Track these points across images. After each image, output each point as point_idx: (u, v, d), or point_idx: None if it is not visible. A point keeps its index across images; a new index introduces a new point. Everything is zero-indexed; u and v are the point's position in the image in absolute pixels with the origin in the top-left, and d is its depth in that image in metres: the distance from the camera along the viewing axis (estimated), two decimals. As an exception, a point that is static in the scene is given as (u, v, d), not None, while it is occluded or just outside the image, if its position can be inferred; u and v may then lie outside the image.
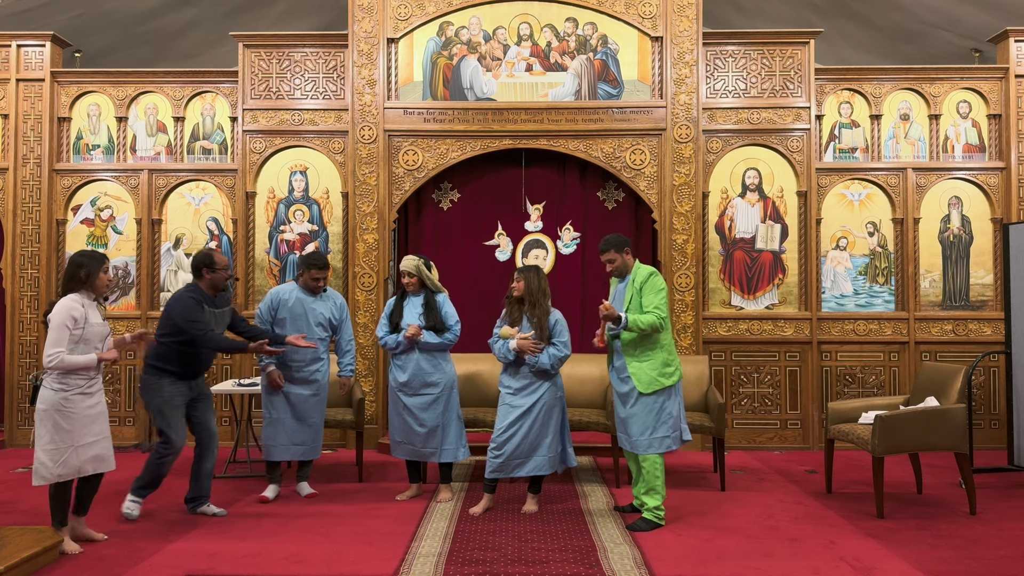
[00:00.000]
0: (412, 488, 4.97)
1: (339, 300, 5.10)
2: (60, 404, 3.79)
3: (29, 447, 6.42)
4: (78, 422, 3.82)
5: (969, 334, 6.53)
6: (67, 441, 3.80)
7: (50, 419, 3.78)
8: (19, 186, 6.70)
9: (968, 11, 6.95)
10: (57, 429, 3.78)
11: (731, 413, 6.49)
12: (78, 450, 3.82)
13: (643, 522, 4.29)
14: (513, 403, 4.51)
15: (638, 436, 4.35)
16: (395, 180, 6.57)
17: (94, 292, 3.94)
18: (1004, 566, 3.69)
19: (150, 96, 6.80)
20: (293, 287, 4.98)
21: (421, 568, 3.64)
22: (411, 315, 4.83)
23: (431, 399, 4.78)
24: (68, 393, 3.80)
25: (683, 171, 6.47)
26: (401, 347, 4.80)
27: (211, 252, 4.53)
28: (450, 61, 6.60)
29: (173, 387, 4.39)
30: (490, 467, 4.51)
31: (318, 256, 4.99)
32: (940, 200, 6.63)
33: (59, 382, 3.80)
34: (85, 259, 3.93)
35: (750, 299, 6.57)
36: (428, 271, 4.89)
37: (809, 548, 3.93)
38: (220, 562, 3.73)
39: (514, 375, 4.55)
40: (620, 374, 4.46)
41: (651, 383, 4.33)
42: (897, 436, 4.47)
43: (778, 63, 6.60)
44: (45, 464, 3.78)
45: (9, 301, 6.70)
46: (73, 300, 3.84)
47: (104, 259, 4.00)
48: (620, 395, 4.48)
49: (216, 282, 4.51)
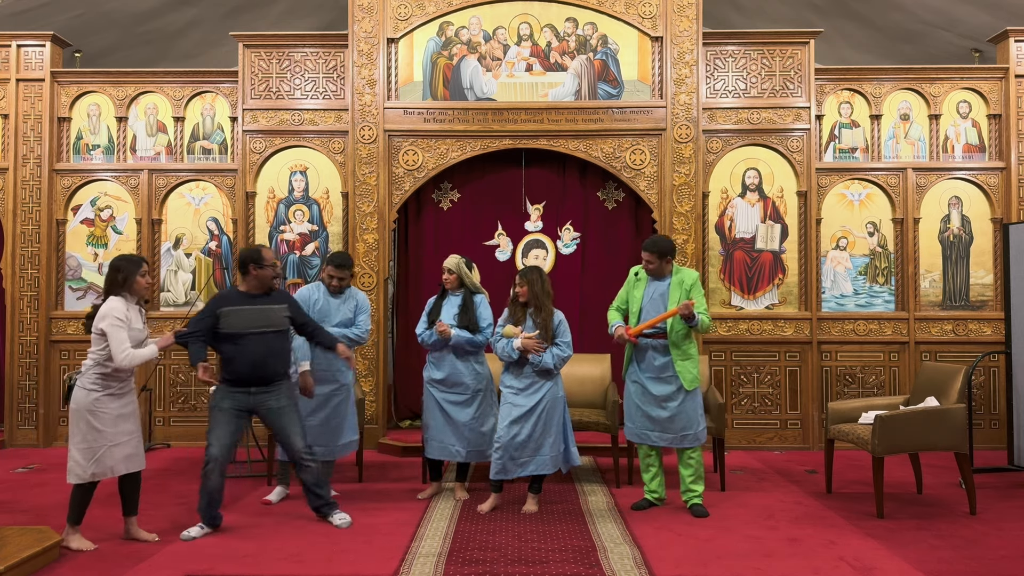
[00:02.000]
0: (432, 486, 4.98)
1: (361, 301, 4.96)
2: (91, 405, 3.86)
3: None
4: (109, 422, 3.88)
5: (969, 334, 6.53)
6: (100, 441, 3.86)
7: (82, 419, 3.86)
8: (19, 186, 6.70)
9: (968, 11, 6.95)
10: (90, 428, 3.85)
11: (731, 413, 6.49)
12: (111, 450, 3.88)
13: (702, 508, 4.52)
14: (516, 402, 4.53)
15: (687, 431, 4.53)
16: (395, 180, 6.57)
17: (132, 295, 4.00)
18: (1004, 566, 3.69)
19: (150, 96, 6.80)
20: (318, 287, 4.95)
21: (421, 568, 3.64)
22: (447, 314, 4.85)
23: (463, 399, 4.79)
24: (99, 394, 3.88)
25: (683, 171, 6.47)
26: (436, 343, 4.80)
27: (260, 248, 4.33)
28: (450, 61, 6.60)
29: (220, 392, 4.25)
30: (495, 467, 4.52)
31: (338, 255, 4.93)
32: (940, 200, 6.63)
33: (92, 383, 3.88)
34: (123, 263, 4.00)
35: (750, 299, 6.57)
36: (468, 271, 4.89)
37: (809, 548, 3.93)
38: (220, 562, 3.73)
39: (517, 375, 4.57)
40: (661, 374, 4.55)
41: (694, 380, 4.55)
42: (897, 436, 4.47)
43: (778, 63, 6.60)
44: (79, 462, 3.85)
45: (9, 301, 6.69)
46: (117, 301, 3.93)
47: (142, 262, 4.05)
48: (659, 396, 4.54)
49: (264, 280, 4.27)
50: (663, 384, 4.53)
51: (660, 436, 4.57)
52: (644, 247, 4.62)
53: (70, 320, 6.67)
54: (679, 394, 4.51)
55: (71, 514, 3.93)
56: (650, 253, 4.58)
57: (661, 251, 4.58)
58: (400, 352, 6.96)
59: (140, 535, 4.05)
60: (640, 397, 4.61)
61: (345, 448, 4.94)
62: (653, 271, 4.61)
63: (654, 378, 4.55)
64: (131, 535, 4.05)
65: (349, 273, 4.91)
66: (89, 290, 6.71)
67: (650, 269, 4.61)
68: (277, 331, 4.27)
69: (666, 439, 4.55)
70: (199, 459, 4.46)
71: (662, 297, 4.57)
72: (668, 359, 4.53)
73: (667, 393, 4.52)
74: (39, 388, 6.61)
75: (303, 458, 4.27)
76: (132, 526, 4.07)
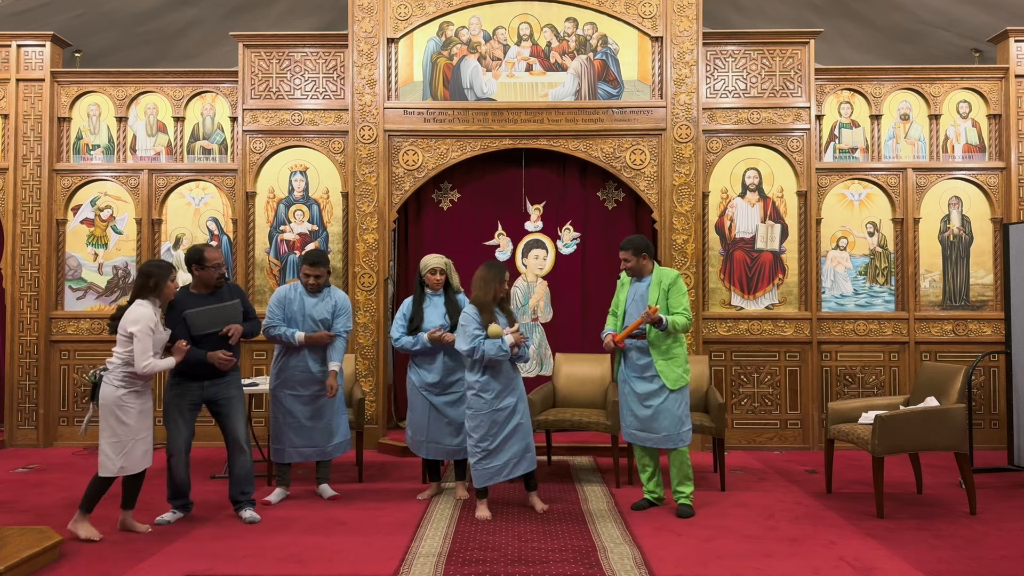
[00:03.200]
0: (432, 487, 4.97)
1: (340, 301, 4.91)
2: (119, 401, 4.02)
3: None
4: (134, 417, 4.06)
5: (969, 334, 6.53)
6: (128, 435, 4.04)
7: (111, 414, 4.03)
8: (19, 186, 6.70)
9: (968, 11, 6.95)
10: (119, 423, 4.03)
11: (731, 413, 6.49)
12: (137, 443, 4.05)
13: (687, 508, 4.50)
14: (499, 406, 4.43)
15: (670, 431, 4.51)
16: (395, 180, 6.57)
17: (161, 300, 4.15)
18: (1004, 566, 3.69)
19: (150, 96, 6.80)
20: (296, 286, 4.91)
21: (421, 568, 3.64)
22: (434, 315, 4.79)
23: (457, 396, 4.78)
24: (125, 391, 4.03)
25: (683, 171, 6.47)
26: (423, 348, 4.77)
27: (203, 248, 4.40)
28: (450, 61, 6.60)
29: (176, 388, 4.40)
30: (483, 477, 4.43)
31: (312, 252, 4.86)
32: (940, 200, 6.63)
33: (120, 380, 4.04)
34: (155, 269, 4.14)
35: (750, 299, 6.57)
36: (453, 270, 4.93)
37: (809, 548, 3.93)
38: (220, 562, 3.73)
39: (495, 376, 4.42)
40: (644, 373, 4.56)
41: (678, 380, 4.52)
42: (897, 436, 4.47)
43: (778, 63, 6.60)
44: (109, 456, 4.02)
45: (9, 301, 6.69)
46: (148, 308, 4.06)
47: (171, 268, 4.19)
48: (642, 394, 4.56)
49: (206, 280, 4.40)
50: (645, 383, 4.56)
51: (646, 436, 4.58)
52: (620, 246, 4.66)
53: (70, 320, 6.67)
54: (661, 393, 4.51)
55: (84, 502, 4.08)
56: (625, 251, 4.62)
57: (636, 248, 4.60)
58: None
59: (135, 527, 4.20)
60: (627, 396, 4.65)
61: (336, 449, 4.92)
62: (632, 270, 4.65)
63: (638, 377, 4.59)
64: (126, 526, 4.20)
65: (325, 271, 4.84)
66: (89, 290, 6.71)
67: (628, 268, 4.64)
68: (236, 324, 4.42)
69: (651, 439, 4.56)
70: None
71: (642, 298, 4.59)
72: (650, 359, 4.54)
73: (648, 391, 4.54)
74: (39, 388, 6.61)
75: (242, 448, 4.43)
76: (128, 518, 4.22)
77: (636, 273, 4.66)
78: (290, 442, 4.82)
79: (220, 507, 4.63)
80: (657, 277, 4.59)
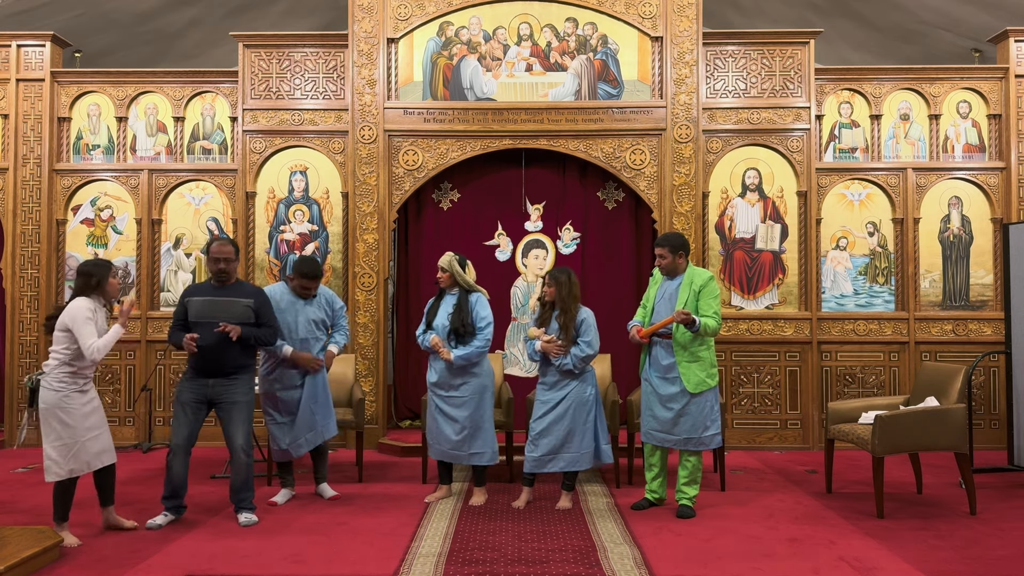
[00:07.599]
0: (442, 489, 4.91)
1: (336, 305, 4.99)
2: (61, 402, 3.96)
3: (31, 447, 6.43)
4: (79, 417, 3.99)
5: (969, 334, 6.53)
6: (73, 437, 3.96)
7: (53, 417, 3.96)
8: (19, 186, 6.70)
9: (968, 11, 6.95)
10: (63, 426, 3.95)
11: (731, 413, 6.48)
12: (84, 444, 3.98)
13: (688, 509, 4.48)
14: (543, 398, 4.64)
15: (693, 434, 4.48)
16: (395, 180, 6.57)
17: (104, 298, 4.14)
18: (1004, 566, 3.69)
19: (150, 96, 6.80)
20: (284, 288, 4.88)
21: (421, 568, 3.64)
22: (443, 314, 4.79)
23: (461, 400, 4.72)
24: (68, 391, 3.98)
25: (683, 171, 6.47)
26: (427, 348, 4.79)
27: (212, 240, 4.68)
28: (450, 61, 6.60)
29: (184, 383, 4.42)
30: (528, 462, 4.61)
31: (311, 266, 4.81)
32: (940, 200, 6.63)
33: (59, 381, 3.98)
34: (94, 268, 4.14)
35: (750, 299, 6.57)
36: (461, 269, 4.76)
37: (809, 548, 3.93)
38: (220, 562, 3.73)
39: (545, 372, 4.68)
40: (667, 374, 4.53)
41: (700, 384, 4.47)
42: (897, 436, 4.47)
43: (778, 63, 6.60)
44: (55, 460, 3.96)
45: (9, 301, 6.70)
46: (86, 300, 4.04)
47: (110, 265, 4.20)
48: (664, 396, 4.53)
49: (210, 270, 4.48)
50: (668, 384, 4.52)
51: (664, 437, 4.55)
52: (656, 242, 4.64)
53: (70, 320, 6.67)
54: (683, 396, 4.48)
55: (56, 512, 4.02)
56: (662, 247, 4.58)
57: (673, 245, 4.57)
58: (400, 352, 6.96)
59: (121, 523, 4.20)
60: (649, 396, 4.62)
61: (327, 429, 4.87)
62: (666, 267, 4.60)
63: (661, 378, 4.56)
64: (110, 523, 4.19)
65: (319, 282, 4.89)
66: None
67: (662, 265, 4.60)
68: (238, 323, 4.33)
69: (670, 441, 4.54)
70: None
71: (671, 297, 4.55)
72: (674, 360, 4.50)
73: (671, 394, 4.51)
74: (39, 388, 6.60)
75: (240, 456, 4.37)
76: (111, 515, 4.21)
77: (670, 271, 4.61)
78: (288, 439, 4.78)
79: (220, 507, 4.63)
80: (689, 277, 4.54)
